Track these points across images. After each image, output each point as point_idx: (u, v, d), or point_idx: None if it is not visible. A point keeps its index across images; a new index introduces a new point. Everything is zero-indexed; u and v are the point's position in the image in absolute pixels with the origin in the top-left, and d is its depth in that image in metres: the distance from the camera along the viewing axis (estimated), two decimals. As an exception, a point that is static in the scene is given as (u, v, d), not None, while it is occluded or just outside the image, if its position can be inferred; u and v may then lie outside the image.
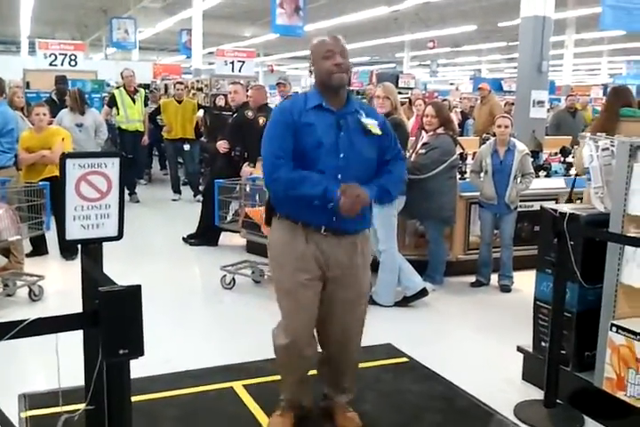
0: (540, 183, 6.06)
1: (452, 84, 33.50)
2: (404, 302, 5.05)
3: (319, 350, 3.04)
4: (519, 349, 3.84)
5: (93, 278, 1.90)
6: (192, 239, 7.01)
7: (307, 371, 3.03)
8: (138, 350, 1.71)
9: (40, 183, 5.20)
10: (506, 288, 5.53)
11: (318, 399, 3.21)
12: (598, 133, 3.49)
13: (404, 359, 4.01)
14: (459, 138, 5.69)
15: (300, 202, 2.72)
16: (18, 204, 4.95)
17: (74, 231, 2.16)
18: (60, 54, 14.22)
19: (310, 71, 2.86)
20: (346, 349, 3.03)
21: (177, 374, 3.70)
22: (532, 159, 5.68)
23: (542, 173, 6.37)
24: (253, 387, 3.50)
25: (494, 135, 5.90)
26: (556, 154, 7.09)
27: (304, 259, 2.78)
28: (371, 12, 19.35)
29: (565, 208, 3.46)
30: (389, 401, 3.49)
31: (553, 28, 8.06)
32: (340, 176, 2.71)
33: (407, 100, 10.69)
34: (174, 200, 9.63)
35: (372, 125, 2.78)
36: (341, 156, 2.72)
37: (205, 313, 4.91)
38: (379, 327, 4.66)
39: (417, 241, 5.80)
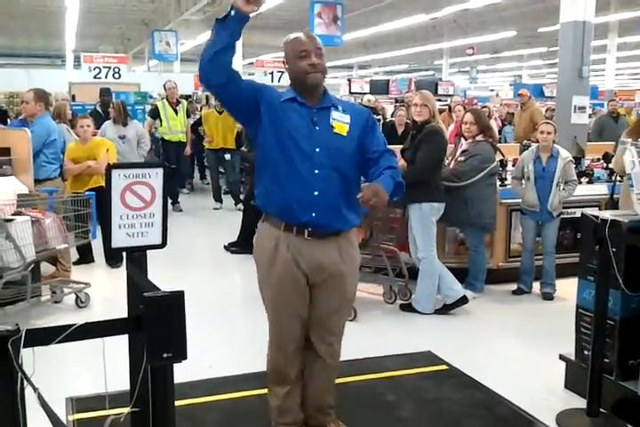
0: (583, 190, 5.98)
1: (492, 90, 33.22)
2: (445, 309, 5.03)
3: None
4: (561, 357, 3.80)
5: (138, 284, 1.95)
6: (233, 247, 7.10)
7: (295, 382, 2.92)
8: (181, 354, 1.76)
9: (86, 193, 5.33)
10: (548, 296, 5.46)
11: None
12: (640, 139, 3.45)
13: (444, 367, 4.00)
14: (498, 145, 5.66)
15: (282, 196, 2.68)
16: (65, 213, 5.08)
17: (119, 239, 2.23)
18: (104, 67, 14.60)
19: (285, 69, 2.80)
20: (328, 356, 2.92)
21: (219, 380, 3.76)
22: (574, 165, 5.62)
23: (585, 180, 6.29)
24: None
25: (536, 142, 5.84)
26: (598, 160, 6.99)
27: (287, 267, 2.72)
28: (409, 19, 19.35)
29: (607, 215, 3.42)
30: (429, 409, 3.48)
31: (594, 32, 7.95)
32: (317, 171, 2.65)
33: (447, 107, 10.66)
34: (216, 209, 9.76)
35: (339, 124, 2.70)
36: (317, 150, 2.65)
37: (246, 319, 4.96)
38: (418, 335, 4.66)
39: (457, 248, 5.77)
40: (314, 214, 2.67)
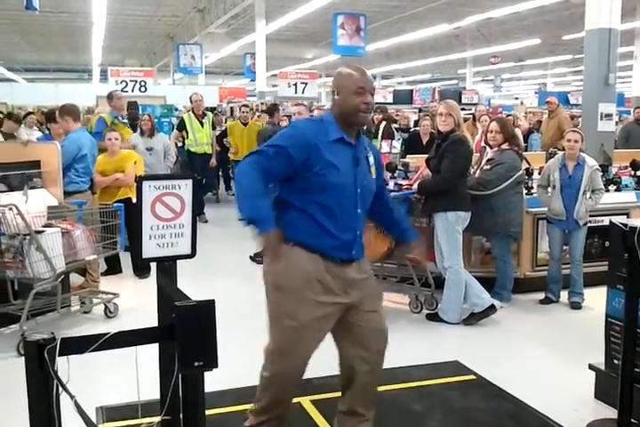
0: (611, 198, 5.92)
1: (516, 98, 33.04)
2: (472, 319, 5.00)
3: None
4: (591, 367, 3.76)
5: (169, 294, 1.99)
6: (259, 257, 7.13)
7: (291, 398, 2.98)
8: (212, 362, 1.78)
9: (115, 205, 5.38)
10: (576, 305, 5.40)
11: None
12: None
13: (472, 377, 3.97)
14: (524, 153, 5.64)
15: (327, 235, 2.68)
16: (93, 225, 5.14)
17: (150, 250, 2.27)
18: (131, 81, 14.83)
19: (333, 99, 2.79)
20: (376, 369, 2.94)
21: (246, 389, 3.76)
22: (601, 173, 5.57)
23: (612, 188, 6.23)
24: (321, 402, 3.53)
25: (562, 149, 5.80)
26: (626, 167, 6.91)
27: (327, 289, 2.71)
28: (431, 29, 19.38)
29: (636, 222, 3.39)
30: (457, 419, 3.46)
31: (620, 39, 7.90)
32: (359, 211, 2.74)
33: (471, 116, 10.63)
34: (241, 219, 9.79)
35: (373, 167, 2.85)
36: (358, 191, 2.72)
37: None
38: (445, 344, 4.65)
39: (483, 258, 5.74)
40: (354, 252, 2.77)
